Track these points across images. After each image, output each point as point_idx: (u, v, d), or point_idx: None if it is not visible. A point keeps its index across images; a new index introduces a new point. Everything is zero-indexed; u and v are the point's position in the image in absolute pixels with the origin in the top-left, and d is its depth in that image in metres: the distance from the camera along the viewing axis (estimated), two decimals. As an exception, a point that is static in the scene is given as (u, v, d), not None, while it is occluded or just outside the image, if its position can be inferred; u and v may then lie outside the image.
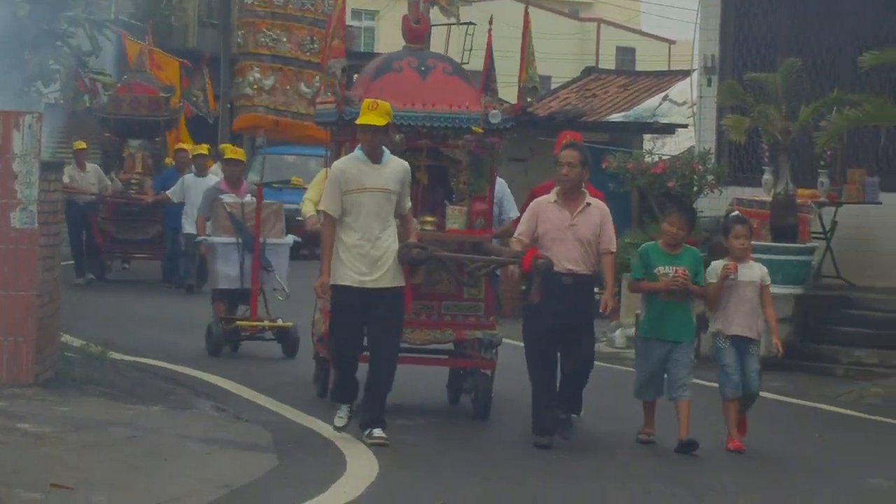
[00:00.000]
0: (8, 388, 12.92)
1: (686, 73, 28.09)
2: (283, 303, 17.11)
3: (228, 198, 17.50)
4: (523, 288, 12.46)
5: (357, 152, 11.89)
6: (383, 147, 11.83)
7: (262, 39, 15.46)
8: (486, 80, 13.95)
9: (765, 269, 12.50)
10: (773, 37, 21.08)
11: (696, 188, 19.15)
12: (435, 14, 14.47)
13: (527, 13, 14.18)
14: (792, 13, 21.42)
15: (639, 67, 42.45)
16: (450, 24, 15.83)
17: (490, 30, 14.42)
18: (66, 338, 15.84)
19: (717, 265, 12.19)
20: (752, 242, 14.30)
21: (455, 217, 13.10)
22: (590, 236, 11.88)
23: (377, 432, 11.38)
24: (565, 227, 11.84)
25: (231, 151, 18.91)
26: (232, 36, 30.68)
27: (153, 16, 32.19)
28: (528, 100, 13.86)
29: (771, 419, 13.85)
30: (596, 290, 13.17)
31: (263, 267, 16.51)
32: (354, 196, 11.60)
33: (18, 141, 13.01)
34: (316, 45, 15.37)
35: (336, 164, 12.38)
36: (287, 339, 15.67)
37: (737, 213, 15.73)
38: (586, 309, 12.14)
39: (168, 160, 25.34)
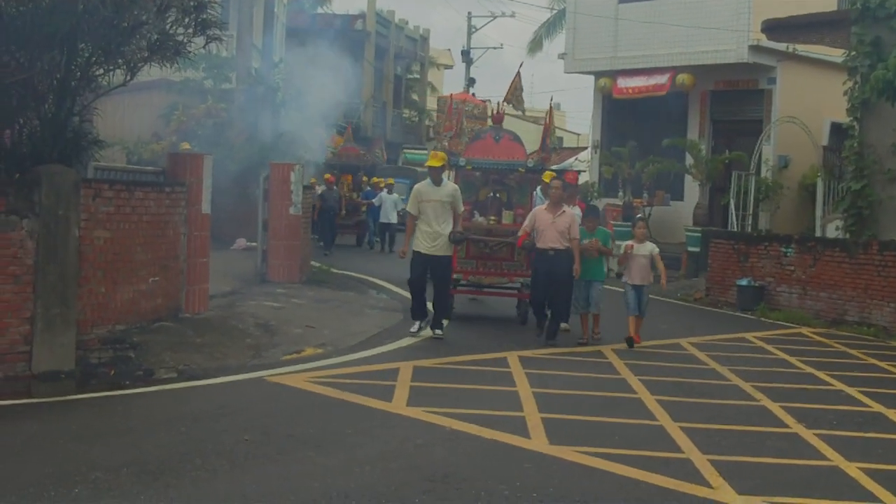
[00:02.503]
0: (287, 284, 22.07)
1: (585, 148, 44.96)
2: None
3: None
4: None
5: (427, 179, 17.63)
6: (442, 176, 17.43)
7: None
8: (543, 143, 20.56)
9: (654, 246, 17.88)
10: (623, 130, 33.34)
11: (589, 198, 29.60)
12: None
13: (550, 110, 21.66)
14: (631, 119, 34.14)
15: (564, 146, 57.68)
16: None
17: (545, 119, 21.80)
18: (313, 263, 25.37)
19: (625, 244, 18.05)
20: (613, 223, 22.98)
21: (508, 217, 19.58)
22: (563, 229, 16.93)
23: (438, 331, 17.02)
24: (549, 223, 17.03)
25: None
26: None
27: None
28: (552, 150, 20.27)
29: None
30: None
31: None
32: (424, 204, 17.15)
33: (294, 175, 22.59)
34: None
35: (416, 186, 18.03)
36: None
37: (640, 215, 23.84)
38: (563, 268, 16.89)
39: (366, 186, 37.65)
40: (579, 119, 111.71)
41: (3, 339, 12.41)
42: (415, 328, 17.20)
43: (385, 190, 36.49)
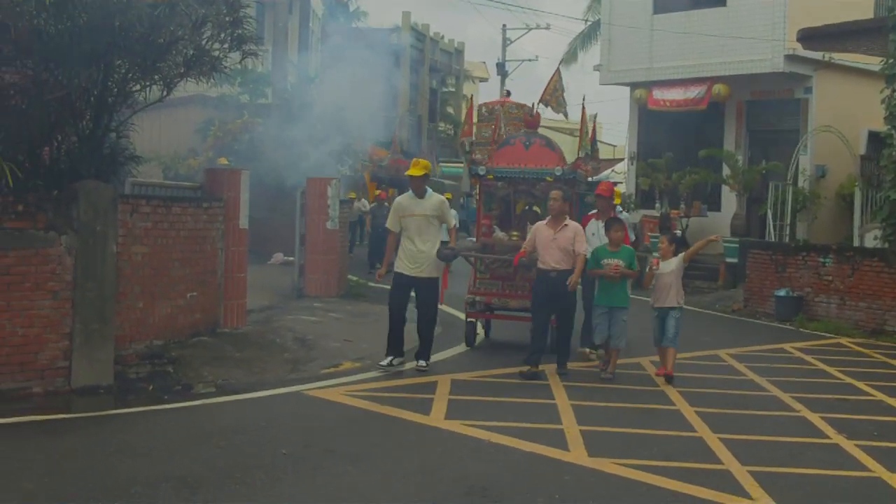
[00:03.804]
0: (325, 298, 22.18)
1: (621, 159, 45.29)
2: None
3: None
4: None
5: (409, 191, 15.59)
6: (426, 187, 15.33)
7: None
8: (592, 149, 19.05)
9: (678, 259, 15.49)
10: (659, 141, 33.18)
11: (628, 210, 29.30)
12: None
13: (584, 111, 18.50)
14: (668, 130, 33.82)
15: (601, 157, 58.79)
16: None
17: (594, 122, 20.92)
18: (350, 276, 25.41)
19: (651, 261, 16.53)
20: (650, 234, 22.16)
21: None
22: (566, 245, 15.07)
23: (422, 363, 15.15)
24: (551, 240, 15.18)
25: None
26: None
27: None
28: (582, 157, 17.81)
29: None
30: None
31: None
32: (406, 220, 15.28)
33: (331, 190, 22.77)
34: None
35: (397, 199, 16.10)
36: None
37: (672, 231, 23.82)
38: (567, 291, 14.97)
39: None
40: (615, 131, 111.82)
41: (43, 355, 12.53)
42: (384, 362, 15.19)
43: None
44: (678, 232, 27.23)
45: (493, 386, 14.23)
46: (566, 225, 15.21)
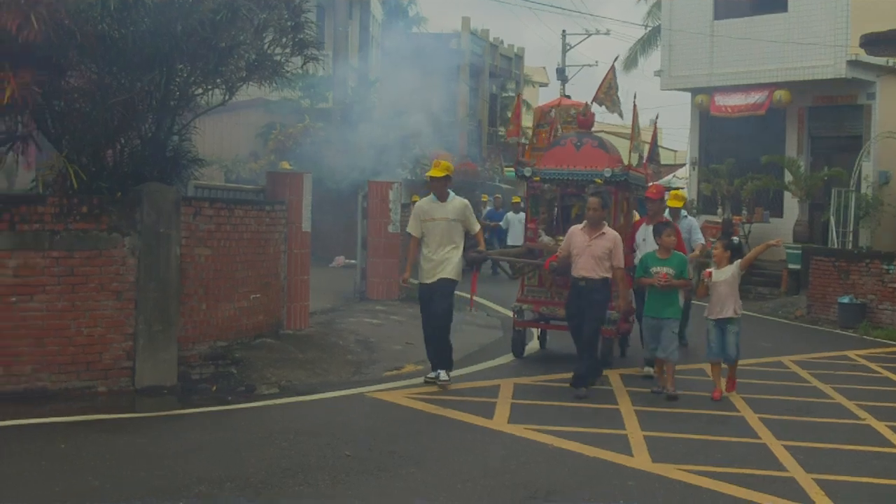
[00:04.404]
0: (386, 301, 22.33)
1: (683, 165, 44.82)
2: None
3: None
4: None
5: (431, 194, 14.52)
6: (447, 190, 14.35)
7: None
8: (652, 153, 19.09)
9: (734, 266, 14.39)
10: (721, 147, 33.04)
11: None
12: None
13: (635, 110, 17.50)
14: (729, 135, 33.58)
15: (662, 163, 58.33)
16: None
17: (654, 126, 21.41)
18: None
19: (704, 271, 14.69)
20: (712, 240, 20.41)
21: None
22: (600, 254, 14.04)
23: (441, 374, 14.15)
24: (585, 247, 14.16)
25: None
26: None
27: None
28: (636, 161, 17.73)
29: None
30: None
31: None
32: (427, 224, 14.29)
33: (392, 194, 22.84)
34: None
35: (418, 203, 15.02)
36: None
37: (728, 237, 23.63)
38: (594, 301, 14.11)
39: (487, 205, 36.22)
40: (675, 136, 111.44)
41: (107, 355, 12.69)
42: (432, 374, 14.34)
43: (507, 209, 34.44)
44: (735, 238, 26.93)
45: (556, 391, 14.16)
46: (603, 233, 14.26)
